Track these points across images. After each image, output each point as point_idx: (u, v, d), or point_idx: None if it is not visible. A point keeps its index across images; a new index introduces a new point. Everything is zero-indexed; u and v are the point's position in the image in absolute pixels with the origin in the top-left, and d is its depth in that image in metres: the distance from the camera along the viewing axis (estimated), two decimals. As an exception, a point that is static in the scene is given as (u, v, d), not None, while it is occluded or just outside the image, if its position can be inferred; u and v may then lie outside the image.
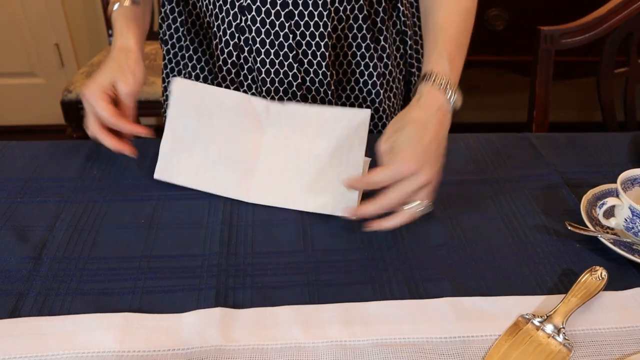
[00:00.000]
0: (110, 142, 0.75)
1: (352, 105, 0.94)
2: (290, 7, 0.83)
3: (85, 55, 2.26)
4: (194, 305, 0.58)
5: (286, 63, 0.87)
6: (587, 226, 0.67)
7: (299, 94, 0.90)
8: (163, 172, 0.76)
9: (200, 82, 0.95)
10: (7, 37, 2.19)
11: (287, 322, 0.56)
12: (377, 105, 0.94)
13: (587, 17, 1.06)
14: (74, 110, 1.78)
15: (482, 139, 0.87)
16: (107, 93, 0.75)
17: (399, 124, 0.67)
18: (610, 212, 0.67)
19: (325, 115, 0.74)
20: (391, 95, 0.96)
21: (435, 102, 0.68)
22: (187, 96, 0.76)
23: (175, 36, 0.95)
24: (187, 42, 0.94)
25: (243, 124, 0.76)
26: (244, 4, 0.84)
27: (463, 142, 0.86)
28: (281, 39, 0.85)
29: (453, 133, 0.88)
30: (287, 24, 0.84)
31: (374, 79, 0.92)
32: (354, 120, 0.73)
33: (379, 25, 0.90)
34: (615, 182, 0.68)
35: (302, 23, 0.84)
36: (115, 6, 0.84)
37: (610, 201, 0.66)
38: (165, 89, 1.00)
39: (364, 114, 0.72)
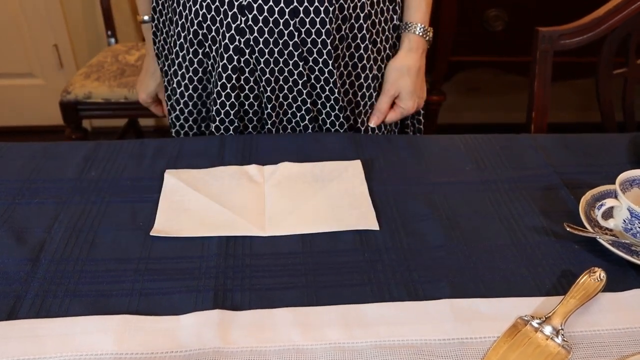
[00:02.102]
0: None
1: (349, 102, 0.94)
2: (295, 4, 0.82)
3: (84, 56, 2.26)
4: (192, 307, 0.58)
5: (291, 62, 0.86)
6: (585, 227, 0.67)
7: (304, 92, 0.89)
8: (163, 227, 0.69)
9: (197, 90, 0.95)
10: (6, 37, 2.18)
11: (286, 324, 0.56)
12: (367, 107, 0.95)
13: (586, 18, 1.05)
14: (72, 111, 1.78)
15: (481, 140, 0.87)
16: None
17: (398, 71, 0.94)
18: (608, 214, 0.67)
19: (319, 168, 0.79)
20: None
21: (420, 47, 0.94)
22: (178, 175, 0.77)
23: (167, 47, 0.94)
24: (181, 50, 0.92)
25: (240, 183, 0.76)
26: (244, 3, 0.82)
27: (462, 143, 0.86)
28: (286, 37, 0.84)
29: (452, 134, 0.89)
30: (292, 22, 0.83)
31: (369, 81, 0.93)
32: (349, 167, 0.79)
33: (377, 27, 0.90)
34: (614, 183, 0.68)
35: (307, 20, 0.83)
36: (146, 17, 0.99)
37: (608, 202, 0.66)
38: (169, 98, 0.99)
39: (356, 163, 0.80)
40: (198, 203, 0.73)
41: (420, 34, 0.92)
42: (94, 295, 0.60)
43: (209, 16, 0.85)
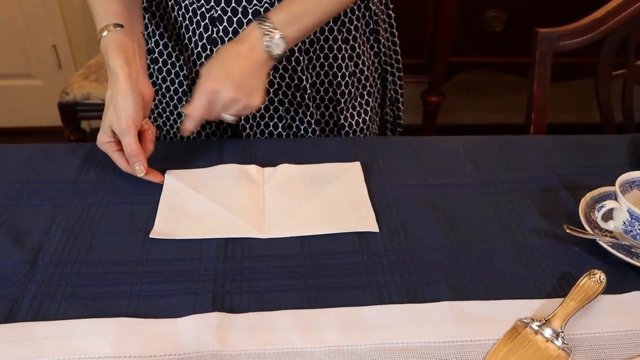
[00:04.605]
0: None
1: (326, 107, 0.94)
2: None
3: (82, 57, 2.26)
4: (190, 310, 0.58)
5: None
6: (585, 229, 0.67)
7: (275, 100, 0.90)
8: (162, 229, 0.69)
9: (176, 95, 0.95)
10: (4, 38, 2.18)
11: (285, 327, 0.56)
12: (349, 104, 0.96)
13: (585, 19, 1.05)
14: (71, 112, 1.78)
15: (480, 141, 0.87)
16: (113, 141, 0.76)
17: (213, 57, 0.76)
18: (608, 215, 0.67)
19: (319, 169, 0.78)
20: (364, 92, 0.98)
21: (249, 40, 0.75)
22: (179, 175, 0.77)
23: (147, 47, 0.94)
24: (156, 55, 0.94)
25: (240, 183, 0.76)
26: (215, 15, 0.83)
27: (461, 144, 0.86)
28: None
29: (451, 134, 0.89)
30: None
31: (347, 78, 0.93)
32: (348, 169, 0.78)
33: (347, 25, 0.91)
34: (613, 184, 0.68)
35: None
36: (104, 33, 0.77)
37: (608, 204, 0.66)
38: (156, 106, 0.99)
39: (356, 165, 0.79)
40: (198, 205, 0.72)
41: (262, 27, 0.74)
42: (92, 298, 0.59)
43: (184, 24, 0.86)
